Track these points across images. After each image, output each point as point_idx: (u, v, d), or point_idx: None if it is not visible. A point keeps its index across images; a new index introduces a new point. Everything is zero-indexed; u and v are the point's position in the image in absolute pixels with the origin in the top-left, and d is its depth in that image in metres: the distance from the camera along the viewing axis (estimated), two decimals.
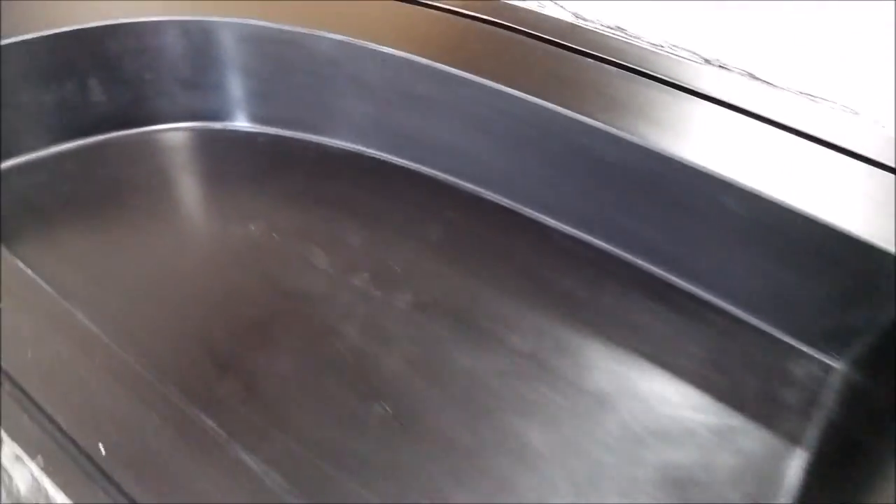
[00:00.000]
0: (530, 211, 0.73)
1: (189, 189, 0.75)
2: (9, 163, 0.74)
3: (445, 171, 0.76)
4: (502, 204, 0.74)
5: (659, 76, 0.71)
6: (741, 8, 0.77)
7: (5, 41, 0.70)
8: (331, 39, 0.75)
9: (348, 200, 0.75)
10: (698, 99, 0.70)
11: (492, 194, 0.74)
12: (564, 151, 0.69)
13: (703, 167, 0.62)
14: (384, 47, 0.74)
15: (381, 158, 0.78)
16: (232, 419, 0.55)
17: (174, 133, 0.80)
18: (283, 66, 0.77)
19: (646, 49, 0.76)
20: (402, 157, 0.77)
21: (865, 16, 0.77)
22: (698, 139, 0.64)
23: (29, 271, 0.60)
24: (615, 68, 0.73)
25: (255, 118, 0.80)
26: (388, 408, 0.57)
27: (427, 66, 0.73)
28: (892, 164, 0.64)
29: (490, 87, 0.70)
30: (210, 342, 0.60)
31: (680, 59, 0.75)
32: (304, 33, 0.76)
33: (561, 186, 0.71)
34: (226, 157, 0.79)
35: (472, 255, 0.70)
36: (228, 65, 0.78)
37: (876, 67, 0.74)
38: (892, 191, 0.60)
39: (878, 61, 0.74)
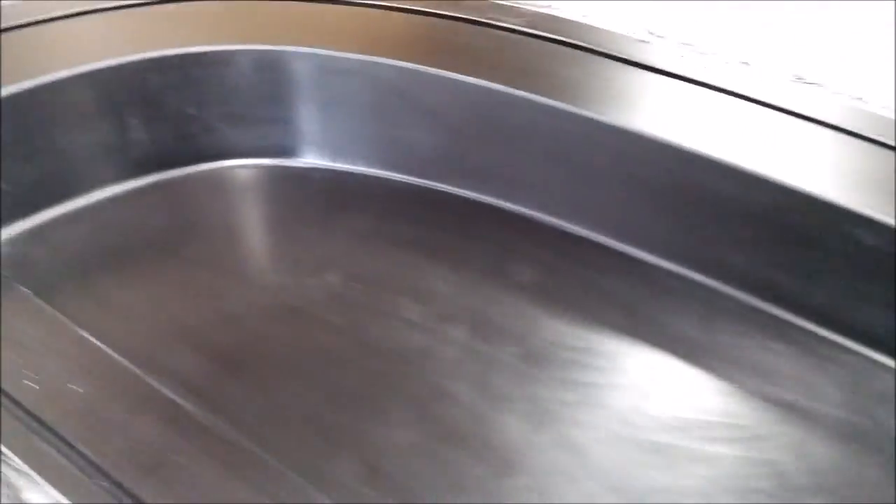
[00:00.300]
0: (626, 247, 0.68)
1: (251, 234, 0.68)
2: (47, 214, 0.66)
3: (528, 206, 0.70)
4: (594, 240, 0.69)
5: (767, 102, 0.67)
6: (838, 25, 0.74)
7: (39, 81, 0.63)
8: (397, 67, 0.69)
9: (427, 242, 0.69)
10: (807, 123, 0.66)
11: (582, 230, 0.69)
12: (662, 182, 0.64)
13: (826, 197, 0.58)
14: (455, 74, 0.68)
15: (456, 194, 0.72)
16: None
17: (228, 172, 0.73)
18: (344, 96, 0.71)
19: (734, 68, 0.72)
20: (480, 192, 0.72)
21: None
22: (815, 167, 0.60)
23: (97, 342, 0.53)
24: (710, 90, 0.68)
25: (315, 153, 0.74)
26: (526, 482, 0.51)
27: (504, 93, 0.67)
28: None
29: (574, 114, 0.65)
30: (314, 416, 0.54)
31: (773, 78, 0.71)
32: (368, 61, 0.70)
33: (660, 220, 0.66)
34: (287, 197, 0.72)
35: (571, 297, 0.65)
36: (285, 96, 0.72)
37: None
38: None
39: None
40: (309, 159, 0.74)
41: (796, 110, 0.67)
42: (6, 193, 0.63)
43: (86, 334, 0.54)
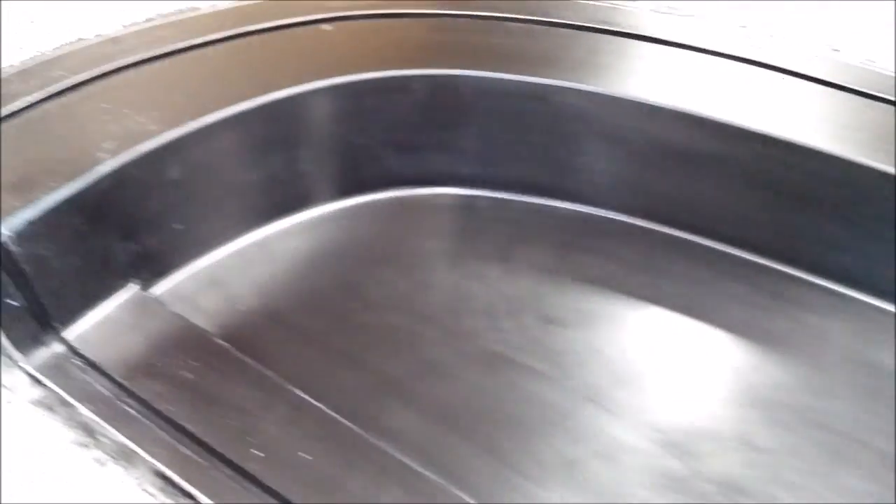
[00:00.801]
0: (836, 285, 0.63)
1: (432, 272, 0.64)
2: (218, 253, 0.62)
3: (721, 240, 0.66)
4: (798, 276, 0.64)
5: None
6: None
7: (213, 117, 0.58)
8: (579, 91, 0.65)
9: (615, 278, 0.64)
10: None
11: (785, 266, 0.64)
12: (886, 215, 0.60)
13: None
14: (642, 98, 0.64)
15: (640, 225, 0.68)
16: None
17: (396, 202, 0.69)
18: (520, 122, 0.67)
19: None
20: (665, 224, 0.67)
21: None
22: None
23: (313, 401, 0.49)
24: None
25: (485, 182, 0.69)
26: None
27: (696, 117, 0.63)
28: None
29: (788, 142, 0.61)
30: (548, 480, 0.50)
31: None
32: (547, 85, 0.65)
33: (883, 258, 0.61)
34: (460, 229, 0.68)
35: (786, 339, 0.60)
36: (456, 123, 0.67)
37: None
38: None
39: None
40: (478, 188, 0.70)
41: None
42: (179, 233, 0.59)
43: (299, 392, 0.50)
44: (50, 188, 0.48)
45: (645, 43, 0.71)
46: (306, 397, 0.50)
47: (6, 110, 0.55)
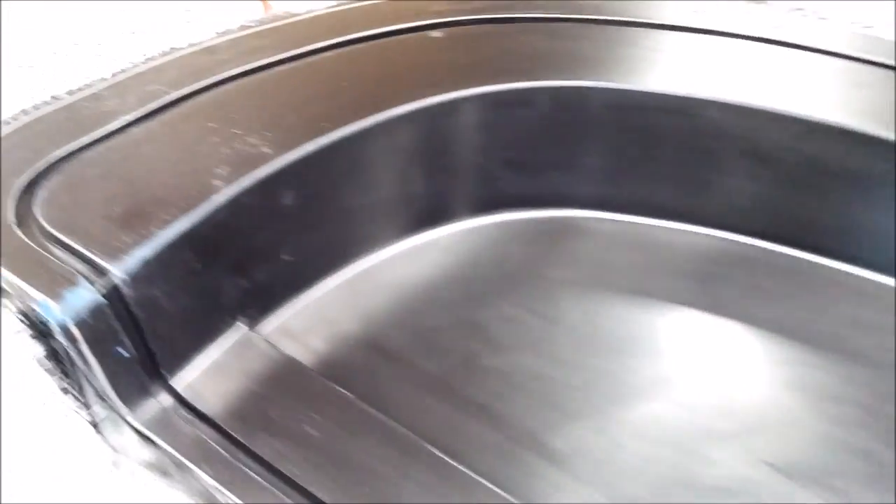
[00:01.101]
0: None
1: (556, 304, 0.58)
2: (325, 285, 0.56)
3: (882, 272, 0.58)
4: None
5: None
6: None
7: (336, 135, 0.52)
8: (724, 104, 0.58)
9: (758, 314, 0.58)
10: None
11: None
12: None
13: None
14: (797, 112, 0.57)
15: (786, 254, 0.61)
16: None
17: (513, 225, 0.63)
18: (652, 138, 0.60)
19: None
20: (815, 253, 0.60)
21: None
22: None
23: (450, 460, 0.43)
24: None
25: (614, 205, 0.63)
26: None
27: (867, 137, 0.56)
28: None
29: None
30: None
31: None
32: (687, 98, 0.59)
33: None
34: (584, 256, 0.62)
35: None
36: (579, 139, 0.61)
37: None
38: None
39: None
40: (604, 210, 0.63)
41: None
42: (288, 265, 0.53)
43: (437, 451, 0.44)
44: (165, 221, 0.42)
45: (787, 49, 0.64)
46: (446, 458, 0.44)
47: (103, 130, 0.50)
